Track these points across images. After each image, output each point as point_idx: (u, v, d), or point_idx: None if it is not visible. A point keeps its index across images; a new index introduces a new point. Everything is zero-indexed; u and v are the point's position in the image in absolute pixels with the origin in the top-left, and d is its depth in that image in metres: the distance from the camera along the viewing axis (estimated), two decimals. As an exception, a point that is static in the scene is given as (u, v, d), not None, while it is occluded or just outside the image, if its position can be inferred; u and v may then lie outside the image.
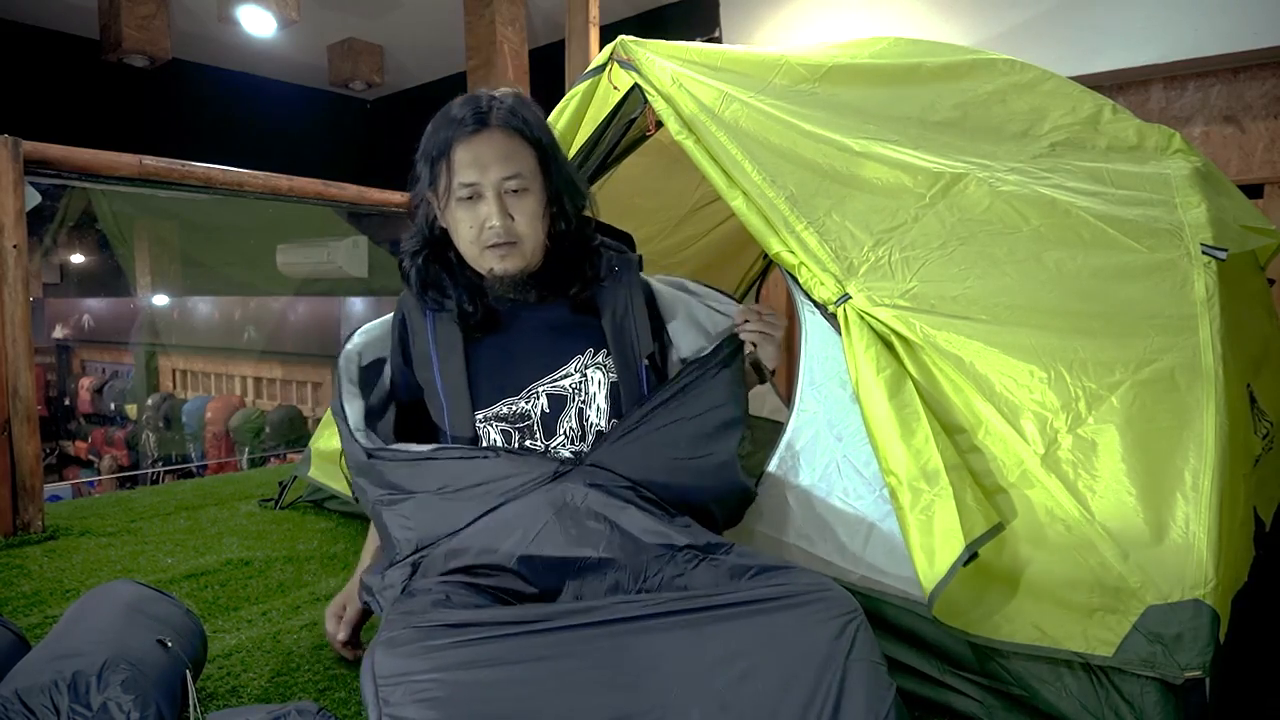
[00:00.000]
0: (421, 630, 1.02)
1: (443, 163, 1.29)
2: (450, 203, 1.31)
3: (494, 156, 1.28)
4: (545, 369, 1.36)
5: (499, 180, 1.28)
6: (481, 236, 1.30)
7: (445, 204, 1.32)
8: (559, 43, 4.06)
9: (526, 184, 1.30)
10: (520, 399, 1.36)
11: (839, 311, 1.38)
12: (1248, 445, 1.47)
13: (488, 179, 1.28)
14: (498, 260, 1.31)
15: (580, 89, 1.85)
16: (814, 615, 1.03)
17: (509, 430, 1.35)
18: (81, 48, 5.14)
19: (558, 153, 1.37)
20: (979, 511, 1.21)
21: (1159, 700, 1.10)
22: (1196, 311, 1.39)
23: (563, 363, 1.36)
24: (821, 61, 1.92)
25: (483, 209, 1.29)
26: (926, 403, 1.30)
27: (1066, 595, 1.18)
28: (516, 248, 1.31)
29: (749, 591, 1.06)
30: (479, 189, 1.28)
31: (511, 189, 1.29)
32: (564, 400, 1.35)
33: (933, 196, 1.56)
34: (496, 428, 1.36)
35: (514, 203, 1.30)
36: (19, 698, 1.07)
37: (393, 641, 1.01)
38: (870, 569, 1.40)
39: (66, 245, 8.40)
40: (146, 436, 7.10)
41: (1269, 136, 3.12)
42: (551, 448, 1.34)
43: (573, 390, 1.35)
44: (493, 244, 1.29)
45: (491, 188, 1.28)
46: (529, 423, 1.35)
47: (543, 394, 1.35)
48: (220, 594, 1.87)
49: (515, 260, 1.31)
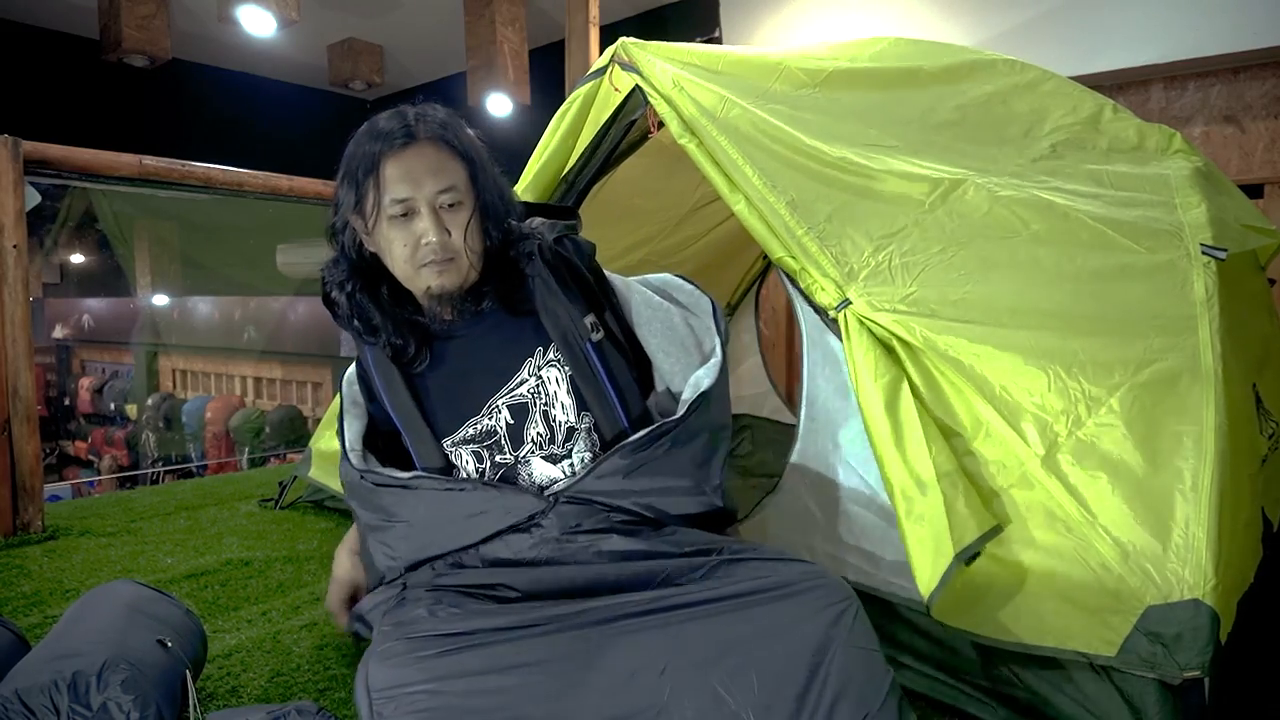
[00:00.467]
0: (414, 641, 1.03)
1: (370, 180, 1.22)
2: (380, 222, 1.23)
3: (426, 170, 1.22)
4: (499, 381, 1.31)
5: (433, 194, 1.22)
6: (417, 254, 1.23)
7: (374, 224, 1.24)
8: (559, 43, 4.07)
9: (460, 198, 1.24)
10: (482, 417, 1.31)
11: (840, 317, 1.38)
12: (1253, 445, 1.47)
13: (421, 194, 1.21)
14: (435, 276, 1.24)
15: (582, 92, 1.85)
16: (807, 605, 1.02)
17: (479, 450, 1.31)
18: (81, 48, 5.14)
19: (487, 165, 1.29)
20: (972, 518, 1.22)
21: (1158, 700, 1.10)
22: (1196, 312, 1.39)
23: (515, 370, 1.31)
24: (822, 65, 1.92)
25: (418, 225, 1.22)
26: (925, 407, 1.30)
27: (1068, 595, 1.18)
28: (454, 264, 1.24)
29: (740, 584, 1.06)
30: (413, 204, 1.21)
31: (446, 203, 1.23)
32: (526, 408, 1.30)
33: (932, 202, 1.56)
34: (468, 449, 1.31)
35: (449, 217, 1.23)
36: (19, 698, 1.07)
37: (386, 654, 1.02)
38: (890, 571, 1.40)
39: (66, 245, 8.39)
40: (146, 436, 7.09)
41: (1269, 136, 3.12)
42: (521, 457, 1.29)
43: (532, 395, 1.30)
44: (429, 261, 1.23)
45: (425, 203, 1.21)
46: (495, 439, 1.30)
47: (503, 407, 1.30)
48: (220, 594, 1.87)
49: (453, 276, 1.25)
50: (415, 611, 1.11)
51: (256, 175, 2.80)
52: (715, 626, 1.03)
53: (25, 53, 5.28)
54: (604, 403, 1.28)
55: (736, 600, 1.05)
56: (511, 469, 1.30)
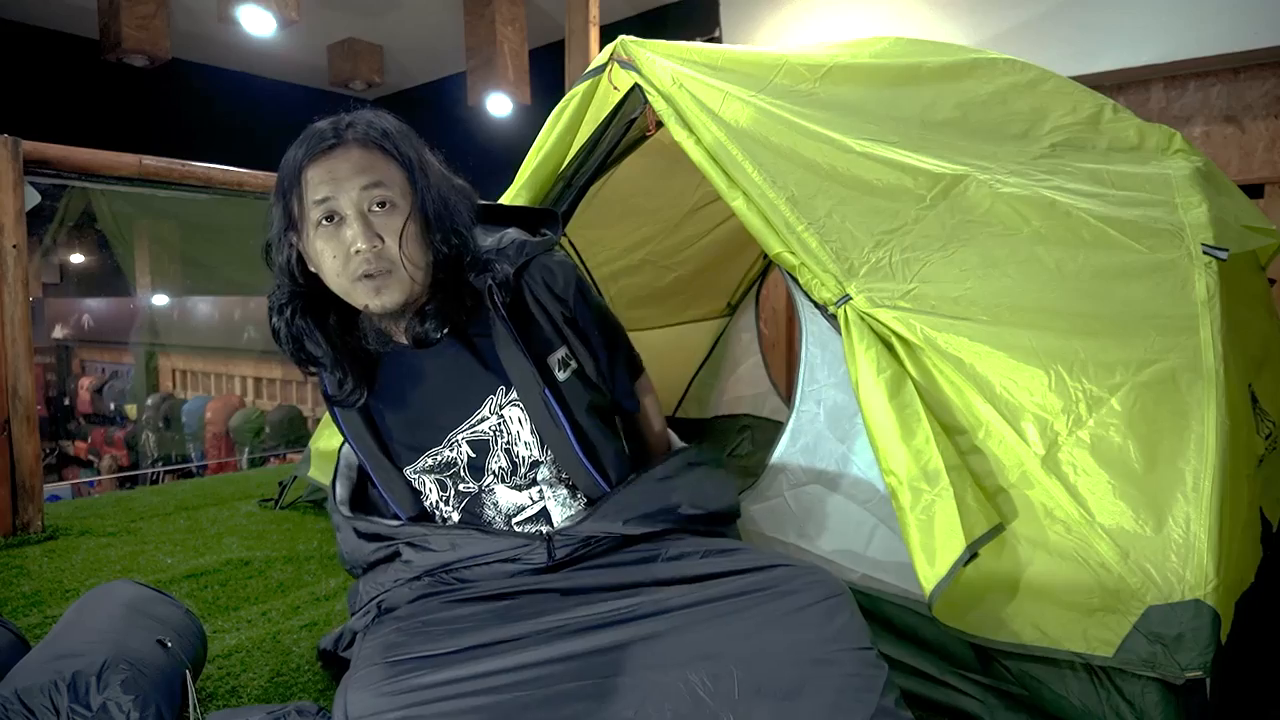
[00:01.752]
0: (390, 666, 1.02)
1: (295, 189, 1.13)
2: (308, 234, 1.13)
3: (350, 169, 1.11)
4: (459, 416, 1.23)
5: (358, 195, 1.11)
6: (349, 266, 1.11)
7: (304, 237, 1.14)
8: (559, 43, 4.06)
9: (392, 199, 1.12)
10: (443, 448, 1.24)
11: (839, 312, 1.38)
12: (1250, 446, 1.47)
13: (345, 195, 1.11)
14: (373, 295, 1.13)
15: (580, 89, 1.85)
16: (799, 602, 1.02)
17: (442, 479, 1.26)
18: (81, 47, 5.14)
19: (428, 169, 1.18)
20: (979, 511, 1.21)
21: (1159, 700, 1.10)
22: (1197, 312, 1.39)
23: (475, 408, 1.23)
24: (822, 61, 1.92)
25: (345, 233, 1.11)
26: (927, 404, 1.30)
27: (1067, 596, 1.18)
28: (392, 276, 1.12)
29: (729, 584, 1.05)
30: (336, 206, 1.11)
31: (376, 202, 1.12)
32: (487, 444, 1.23)
33: (933, 198, 1.56)
34: (430, 478, 1.26)
35: (381, 222, 1.12)
36: (19, 698, 1.07)
37: (363, 680, 1.01)
38: (871, 568, 1.40)
39: (66, 245, 8.38)
40: (146, 436, 7.09)
41: (1269, 136, 3.12)
42: (484, 486, 1.25)
43: (494, 433, 1.23)
44: (363, 274, 1.11)
45: (352, 206, 1.11)
46: (455, 469, 1.25)
47: (463, 441, 1.24)
48: (220, 594, 1.87)
49: (393, 293, 1.13)
50: (393, 634, 1.09)
51: (256, 175, 2.80)
52: (703, 629, 1.02)
53: (25, 53, 5.28)
54: (565, 447, 1.22)
55: (728, 601, 1.04)
56: (476, 498, 1.25)
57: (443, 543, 1.21)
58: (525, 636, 1.04)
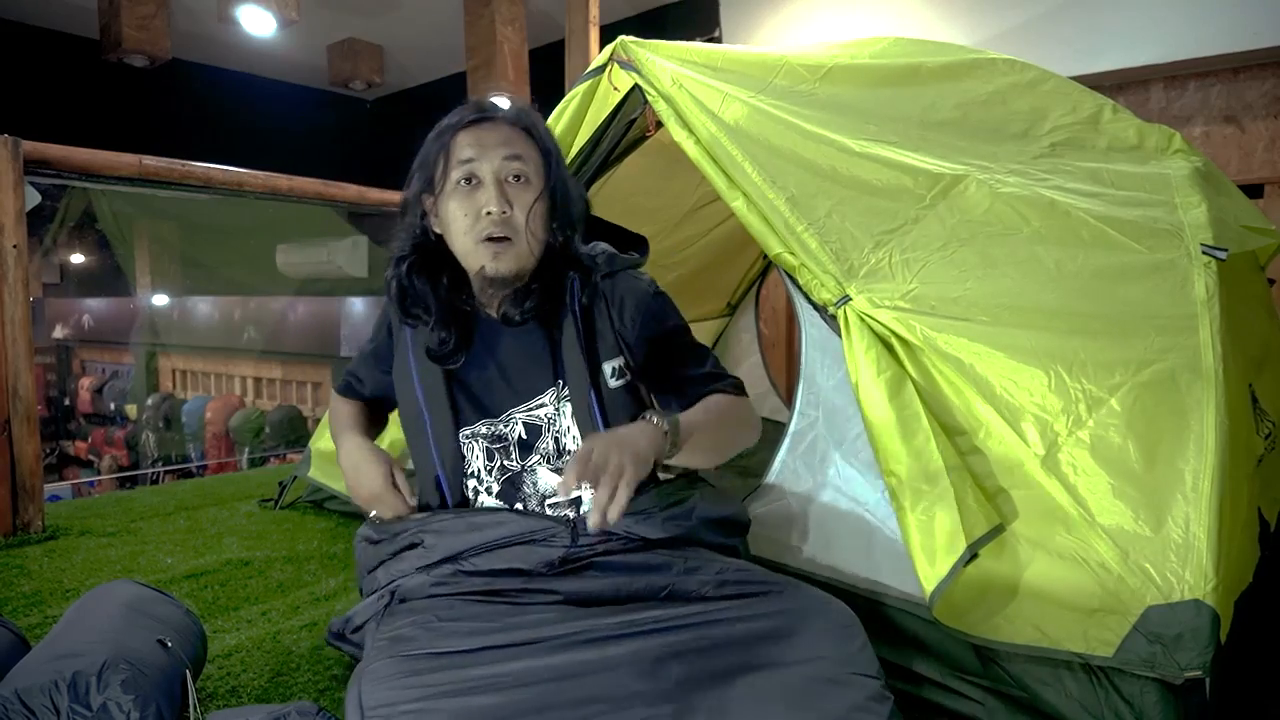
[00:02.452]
0: (406, 660, 1.02)
1: (440, 154, 1.22)
2: (445, 193, 1.22)
3: (496, 140, 1.21)
4: (521, 398, 1.30)
5: (499, 164, 1.20)
6: (477, 225, 1.20)
7: (440, 197, 1.24)
8: (559, 43, 4.06)
9: (528, 174, 1.22)
10: (499, 422, 1.30)
11: (839, 313, 1.38)
12: (1250, 445, 1.47)
13: (488, 161, 1.20)
14: (491, 258, 1.21)
15: (580, 89, 1.85)
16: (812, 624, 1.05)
17: (491, 449, 1.30)
18: (81, 48, 5.14)
19: (561, 161, 1.28)
20: (980, 512, 1.21)
21: (1158, 700, 1.10)
22: (1197, 312, 1.39)
23: (539, 393, 1.30)
24: (822, 62, 1.92)
25: (480, 196, 1.20)
26: (927, 404, 1.30)
27: (1066, 596, 1.18)
28: (512, 245, 1.21)
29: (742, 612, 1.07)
30: (476, 170, 1.20)
31: (513, 173, 1.21)
32: (539, 428, 1.29)
33: (933, 198, 1.56)
34: (480, 444, 1.31)
35: (514, 192, 1.21)
36: (19, 698, 1.07)
37: (377, 673, 1.01)
38: (872, 570, 1.40)
39: (66, 245, 8.40)
40: (146, 436, 7.10)
41: (1269, 136, 3.12)
42: (527, 465, 1.29)
43: (547, 420, 1.29)
44: (488, 237, 1.20)
45: (491, 172, 1.20)
46: (506, 444, 1.30)
47: (519, 420, 1.29)
48: (220, 594, 1.87)
49: (509, 261, 1.21)
50: (407, 629, 1.10)
51: (256, 175, 2.80)
52: (712, 655, 1.03)
53: (25, 53, 5.28)
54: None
55: (740, 625, 1.06)
56: (518, 475, 1.29)
57: (460, 525, 1.23)
58: (538, 641, 1.04)
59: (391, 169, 4.41)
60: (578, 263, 1.29)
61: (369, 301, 6.37)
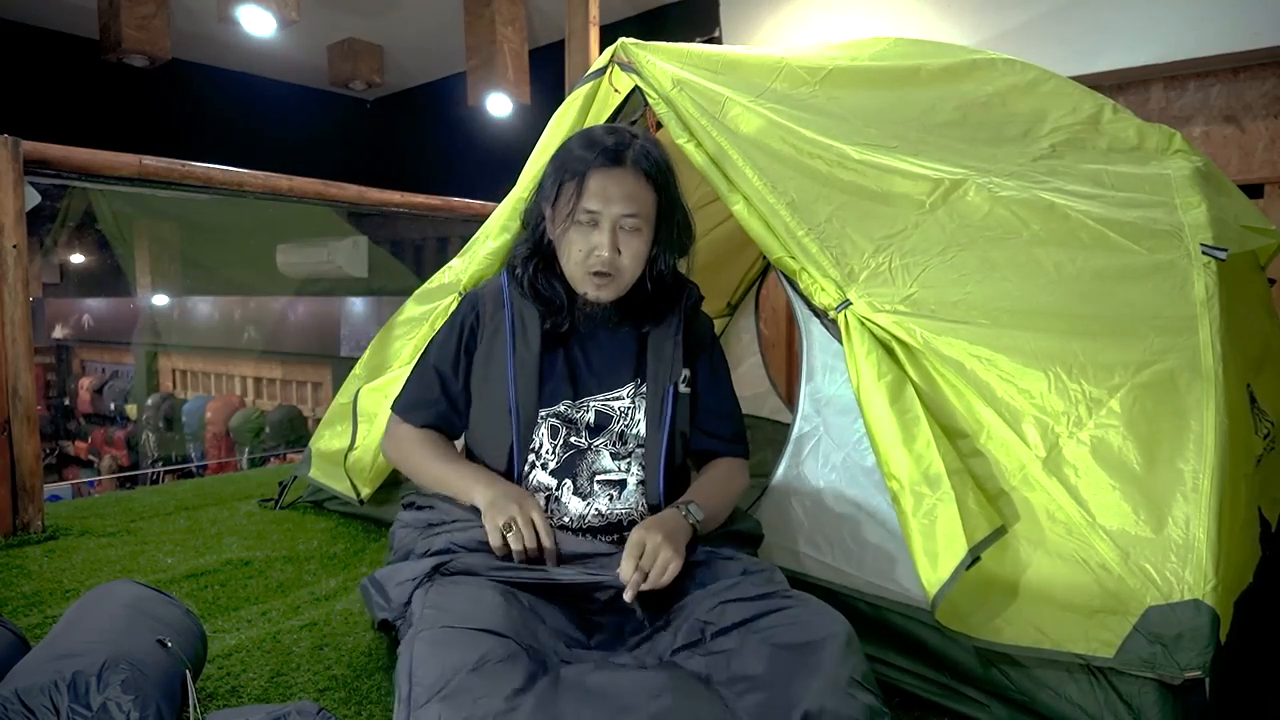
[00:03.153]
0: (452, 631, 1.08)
1: (573, 184, 1.37)
2: (569, 223, 1.39)
3: (621, 194, 1.36)
4: (602, 387, 1.45)
5: (618, 216, 1.37)
6: (588, 261, 1.38)
7: (563, 222, 1.40)
8: (559, 43, 4.07)
9: (640, 225, 1.39)
10: (575, 406, 1.44)
11: (840, 317, 1.38)
12: (1249, 445, 1.47)
13: (609, 211, 1.36)
14: (594, 288, 1.40)
15: (581, 92, 1.85)
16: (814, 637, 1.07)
17: (559, 426, 1.43)
18: (81, 48, 5.14)
19: (677, 200, 1.44)
20: (981, 515, 1.22)
21: (1157, 701, 1.10)
22: (1196, 312, 1.39)
23: (618, 385, 1.45)
24: (822, 64, 1.92)
25: (595, 237, 1.37)
26: (928, 408, 1.30)
27: (1067, 597, 1.18)
28: (614, 280, 1.39)
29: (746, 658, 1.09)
30: (598, 219, 1.37)
31: (628, 226, 1.38)
32: (610, 417, 1.43)
33: (932, 203, 1.56)
34: (549, 423, 1.43)
35: (625, 239, 1.38)
36: (19, 698, 1.06)
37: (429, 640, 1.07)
38: (874, 574, 1.40)
39: (66, 245, 8.39)
40: (146, 436, 7.10)
41: (1269, 136, 3.12)
42: (592, 446, 1.42)
43: (620, 412, 1.44)
44: (595, 271, 1.38)
45: (610, 220, 1.37)
46: (576, 426, 1.43)
47: (594, 408, 1.44)
48: (220, 594, 1.87)
49: (610, 291, 1.40)
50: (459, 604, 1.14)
51: (256, 175, 2.80)
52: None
53: (25, 53, 5.28)
54: (656, 442, 1.43)
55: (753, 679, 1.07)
56: (580, 453, 1.42)
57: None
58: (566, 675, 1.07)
59: (391, 169, 4.48)
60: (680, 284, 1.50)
61: (369, 301, 6.37)
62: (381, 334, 2.38)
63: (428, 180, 5.80)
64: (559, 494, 1.41)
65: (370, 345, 2.40)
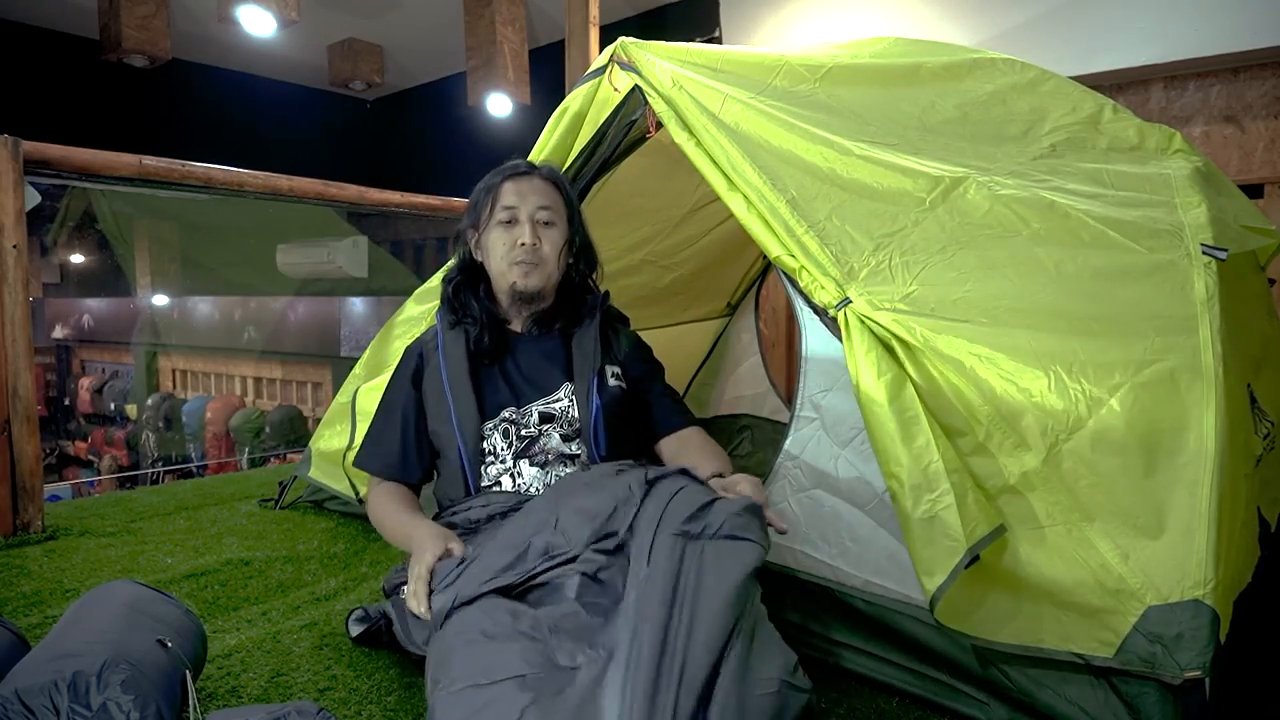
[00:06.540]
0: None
1: (490, 196, 1.57)
2: (490, 227, 1.57)
3: (534, 190, 1.57)
4: (540, 392, 1.57)
5: (535, 209, 1.55)
6: (512, 252, 1.54)
7: (485, 230, 1.57)
8: (559, 43, 4.07)
9: (555, 220, 1.57)
10: (520, 412, 1.55)
11: (839, 316, 1.38)
12: (1248, 445, 1.47)
13: (526, 206, 1.55)
14: (521, 275, 1.55)
15: (580, 91, 1.85)
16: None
17: (508, 428, 1.54)
18: (81, 48, 5.14)
19: (582, 221, 1.64)
20: (980, 514, 1.21)
21: (1157, 701, 1.10)
22: (1196, 312, 1.39)
23: (555, 388, 1.57)
24: (822, 62, 1.92)
25: (516, 230, 1.55)
26: (927, 406, 1.30)
27: (1067, 597, 1.18)
28: (539, 268, 1.55)
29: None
30: (517, 214, 1.55)
31: (544, 220, 1.56)
32: (553, 416, 1.56)
33: (933, 201, 1.56)
34: (499, 429, 1.54)
35: (543, 231, 1.56)
36: (19, 698, 1.06)
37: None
38: (874, 573, 1.40)
39: (66, 245, 8.40)
40: (146, 436, 7.10)
41: (1269, 136, 3.12)
42: (544, 431, 1.54)
43: (561, 411, 1.55)
44: (520, 261, 1.53)
45: (528, 216, 1.55)
46: (527, 424, 1.55)
47: (536, 410, 1.55)
48: (220, 594, 1.87)
49: (536, 278, 1.55)
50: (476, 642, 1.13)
51: (256, 175, 2.80)
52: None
53: (25, 53, 5.28)
54: (587, 417, 1.55)
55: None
56: (534, 439, 1.53)
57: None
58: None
59: (391, 169, 4.48)
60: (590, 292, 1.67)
61: (369, 301, 6.37)
62: (381, 334, 2.38)
63: (428, 180, 5.78)
64: (516, 468, 1.51)
65: (370, 345, 2.40)
